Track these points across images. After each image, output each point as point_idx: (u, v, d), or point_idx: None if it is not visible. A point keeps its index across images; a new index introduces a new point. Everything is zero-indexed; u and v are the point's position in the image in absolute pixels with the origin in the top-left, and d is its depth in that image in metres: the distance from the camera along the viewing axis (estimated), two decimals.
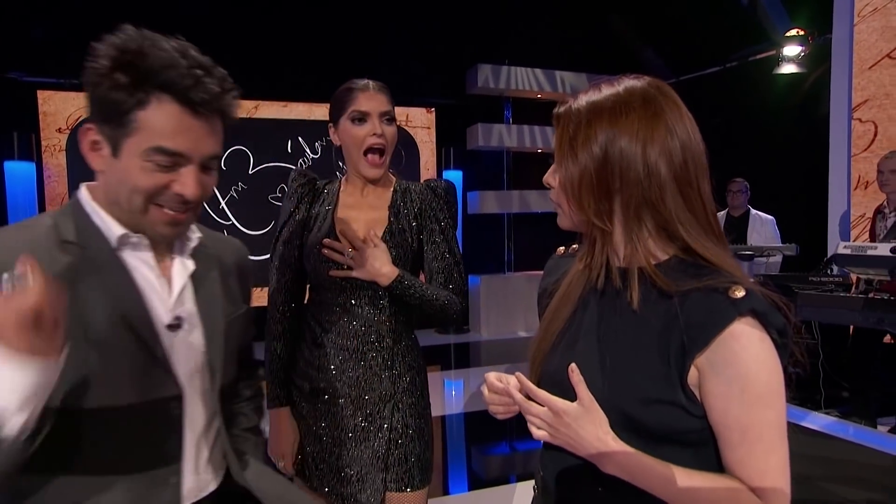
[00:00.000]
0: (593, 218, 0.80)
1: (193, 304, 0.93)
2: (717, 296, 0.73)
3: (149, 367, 0.85)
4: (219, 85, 0.84)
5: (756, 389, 0.71)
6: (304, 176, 1.48)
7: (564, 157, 0.81)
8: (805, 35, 5.04)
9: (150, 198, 0.83)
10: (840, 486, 2.49)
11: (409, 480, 1.37)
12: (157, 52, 0.81)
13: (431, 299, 1.38)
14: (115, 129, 0.81)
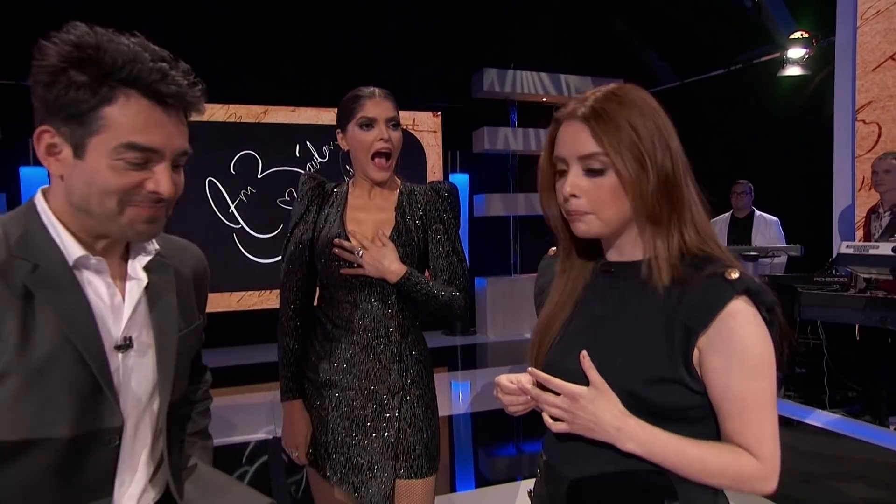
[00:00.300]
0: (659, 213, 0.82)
1: (147, 321, 0.88)
2: (714, 279, 0.80)
3: (92, 397, 0.79)
4: (184, 78, 0.81)
5: (752, 362, 0.78)
6: (313, 179, 1.54)
7: (622, 157, 0.81)
8: (809, 37, 5.06)
9: (123, 198, 0.78)
10: (845, 483, 2.51)
11: (418, 468, 1.42)
12: (116, 47, 0.77)
13: (437, 295, 1.43)
14: (78, 129, 0.76)
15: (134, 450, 0.87)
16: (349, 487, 1.42)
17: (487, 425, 4.15)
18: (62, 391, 0.77)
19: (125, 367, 0.84)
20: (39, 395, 0.75)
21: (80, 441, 0.79)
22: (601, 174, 0.83)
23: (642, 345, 0.83)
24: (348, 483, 1.41)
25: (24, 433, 0.75)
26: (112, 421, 0.82)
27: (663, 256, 0.83)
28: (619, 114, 0.82)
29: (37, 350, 0.75)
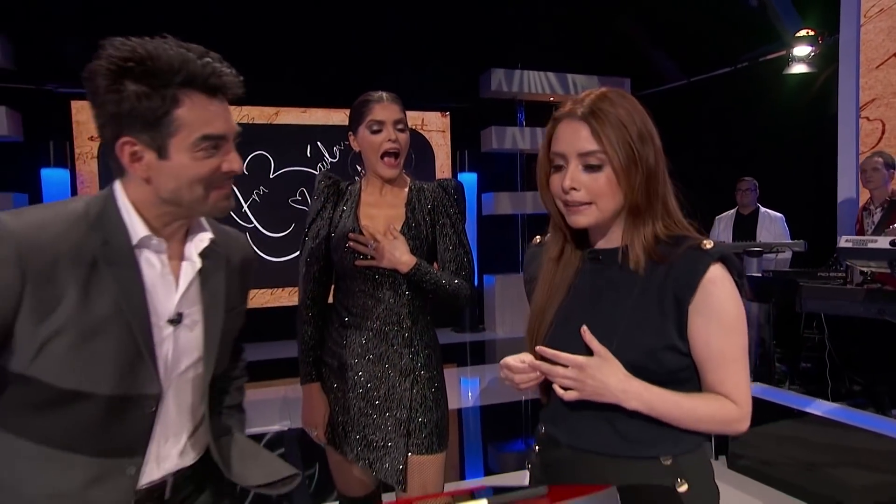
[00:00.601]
0: (640, 204, 0.92)
1: (198, 300, 0.97)
2: (692, 251, 0.91)
3: (135, 364, 0.88)
4: (225, 67, 0.90)
5: (728, 321, 0.90)
6: (329, 178, 1.65)
7: (617, 154, 0.90)
8: (815, 35, 5.08)
9: (208, 183, 0.89)
10: (848, 471, 2.56)
11: (428, 445, 1.52)
12: (166, 54, 0.84)
13: (444, 285, 1.53)
14: (157, 134, 0.85)
15: (176, 415, 0.97)
16: (365, 463, 1.52)
17: (495, 418, 4.25)
18: (108, 354, 0.86)
19: (174, 339, 0.94)
20: (88, 354, 0.85)
21: (120, 402, 0.88)
22: (598, 169, 0.92)
23: (636, 319, 0.92)
24: (364, 459, 1.52)
25: (72, 384, 0.85)
26: (151, 388, 0.91)
27: (639, 243, 0.93)
28: (614, 115, 0.91)
29: (92, 314, 0.85)
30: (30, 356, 0.83)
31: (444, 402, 1.60)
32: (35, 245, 0.81)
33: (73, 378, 0.85)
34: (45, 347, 0.83)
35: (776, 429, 2.91)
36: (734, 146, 6.13)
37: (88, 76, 0.86)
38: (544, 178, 1.00)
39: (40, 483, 0.87)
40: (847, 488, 2.57)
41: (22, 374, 0.84)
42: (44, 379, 0.84)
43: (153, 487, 0.95)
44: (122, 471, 0.90)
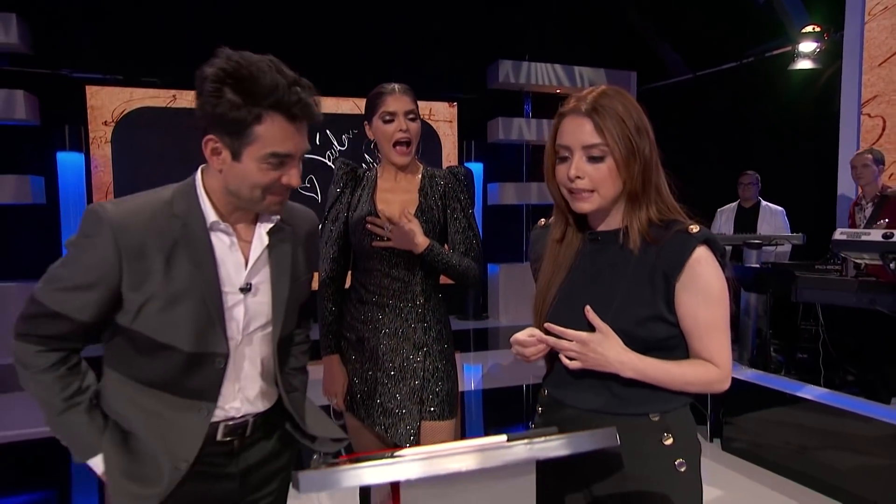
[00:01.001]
0: (637, 191, 1.03)
1: (266, 271, 1.13)
2: (680, 234, 1.03)
3: (207, 327, 1.06)
4: (309, 97, 1.02)
5: (713, 296, 1.01)
6: (347, 164, 1.76)
7: (618, 146, 1.00)
8: (821, 31, 5.13)
9: (265, 190, 1.04)
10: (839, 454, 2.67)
11: (440, 412, 1.64)
12: (264, 76, 0.98)
13: (455, 265, 1.64)
14: (236, 141, 1.00)
15: (249, 367, 1.14)
16: (381, 428, 1.64)
17: (497, 402, 4.38)
18: (187, 318, 1.05)
19: (245, 305, 1.11)
20: (172, 317, 1.04)
21: (195, 357, 1.07)
22: (601, 160, 1.03)
23: (630, 293, 1.04)
24: (381, 425, 1.64)
25: (161, 339, 1.05)
26: (220, 348, 1.09)
27: (635, 226, 1.05)
28: (614, 111, 1.02)
29: (174, 285, 1.03)
30: (132, 315, 1.04)
31: (454, 373, 1.72)
32: (126, 229, 1.01)
33: (162, 334, 1.05)
34: (142, 309, 1.03)
35: (769, 413, 3.03)
36: (738, 140, 6.19)
37: (200, 76, 1.00)
38: (550, 167, 1.10)
39: (138, 409, 1.09)
40: (838, 470, 2.68)
41: (127, 328, 1.05)
42: (144, 332, 1.05)
43: (236, 425, 1.14)
44: (197, 409, 1.10)
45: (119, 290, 1.03)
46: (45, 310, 1.03)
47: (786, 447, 2.92)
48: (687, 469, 1.05)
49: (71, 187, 5.81)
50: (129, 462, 1.08)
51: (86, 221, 1.03)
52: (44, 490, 2.99)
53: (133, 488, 1.06)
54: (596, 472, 1.07)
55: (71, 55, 5.77)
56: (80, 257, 1.03)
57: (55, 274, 1.05)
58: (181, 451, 1.07)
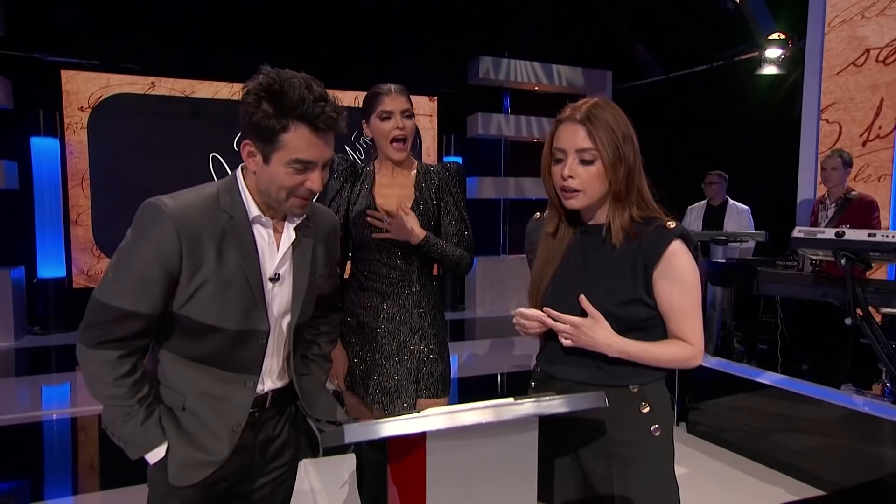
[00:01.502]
0: (621, 192, 1.17)
1: (290, 264, 1.25)
2: (659, 229, 1.18)
3: (251, 308, 1.18)
4: (334, 111, 1.13)
5: (687, 283, 1.17)
6: (346, 160, 1.86)
7: (606, 152, 1.15)
8: (785, 39, 5.39)
9: (290, 192, 1.16)
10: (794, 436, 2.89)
11: (434, 390, 1.77)
12: (292, 91, 1.09)
13: (449, 255, 1.77)
14: (266, 146, 1.12)
15: (274, 348, 1.26)
16: (380, 406, 1.75)
17: (473, 390, 4.53)
18: (235, 300, 1.16)
19: (273, 293, 1.23)
20: (222, 299, 1.15)
21: (241, 335, 1.19)
22: (591, 164, 1.18)
23: (614, 279, 1.19)
24: (379, 402, 1.75)
25: (210, 321, 1.16)
26: (261, 325, 1.21)
27: (618, 223, 1.19)
28: (605, 120, 1.17)
29: (224, 271, 1.15)
30: (184, 300, 1.14)
31: (447, 355, 1.85)
32: (185, 220, 1.12)
33: (211, 316, 1.16)
34: (195, 294, 1.14)
35: (731, 399, 3.25)
36: (707, 141, 6.46)
37: (244, 89, 1.14)
38: (547, 167, 1.24)
39: (191, 384, 1.20)
40: (793, 450, 2.91)
41: (179, 312, 1.15)
42: (192, 316, 1.15)
43: (259, 397, 1.26)
44: (243, 383, 1.22)
45: (177, 279, 1.12)
46: (119, 312, 1.11)
47: (746, 429, 3.14)
48: (661, 433, 1.20)
49: (45, 173, 5.70)
50: (189, 437, 1.18)
51: (145, 215, 1.12)
52: (15, 479, 3.00)
53: (198, 456, 1.17)
54: (582, 435, 1.22)
55: (46, 38, 5.66)
56: (142, 251, 1.10)
57: (120, 274, 1.12)
58: (233, 417, 1.20)
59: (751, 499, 2.71)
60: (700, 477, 2.91)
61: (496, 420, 0.85)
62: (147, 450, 1.17)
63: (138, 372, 1.17)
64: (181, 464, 1.17)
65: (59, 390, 4.48)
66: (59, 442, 3.54)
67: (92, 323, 1.13)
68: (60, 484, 2.98)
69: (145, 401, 1.17)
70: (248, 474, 1.28)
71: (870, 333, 2.67)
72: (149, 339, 1.19)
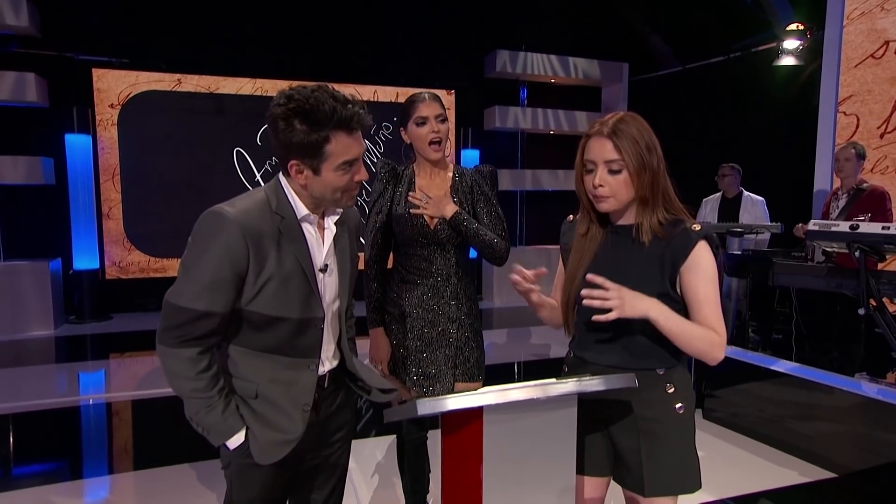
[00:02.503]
0: (647, 195, 1.30)
1: (335, 255, 1.38)
2: (686, 231, 1.31)
3: (309, 297, 1.30)
4: (361, 108, 1.24)
5: (709, 276, 1.30)
6: (388, 164, 2.02)
7: (632, 161, 1.28)
8: (804, 30, 5.38)
9: (344, 190, 1.29)
10: (808, 423, 2.99)
11: (471, 374, 1.93)
12: (322, 105, 1.18)
13: (483, 234, 1.90)
14: (314, 160, 1.23)
15: (329, 331, 1.40)
16: (420, 389, 1.91)
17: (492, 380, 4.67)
18: (295, 292, 1.29)
19: (324, 283, 1.36)
20: (284, 293, 1.27)
21: (302, 322, 1.31)
22: (619, 173, 1.32)
23: (643, 274, 1.32)
24: (420, 386, 1.91)
25: (277, 312, 1.28)
26: (318, 313, 1.34)
27: (646, 224, 1.33)
28: (630, 133, 1.30)
29: (284, 267, 1.27)
30: (251, 296, 1.25)
31: (482, 342, 2.00)
32: (248, 225, 1.22)
33: (276, 308, 1.27)
34: (262, 290, 1.25)
35: (746, 386, 3.36)
36: (723, 132, 6.48)
37: (269, 117, 1.21)
38: (579, 176, 1.39)
39: (261, 373, 1.31)
40: (807, 436, 3.01)
41: (247, 308, 1.26)
42: (258, 310, 1.26)
43: (319, 379, 1.38)
44: (307, 366, 1.35)
45: (244, 277, 1.23)
46: (195, 313, 1.21)
47: (760, 416, 3.26)
48: (685, 411, 1.35)
49: (79, 168, 5.91)
50: (266, 420, 1.30)
51: (209, 223, 1.22)
52: (56, 460, 3.17)
53: (277, 436, 1.29)
54: (613, 413, 1.36)
55: (79, 38, 5.85)
56: (211, 255, 1.20)
57: (193, 279, 1.21)
58: (302, 398, 1.33)
59: (766, 480, 2.83)
60: (716, 460, 3.04)
61: (543, 396, 0.99)
62: (228, 436, 1.28)
63: (215, 366, 1.27)
64: (265, 445, 1.29)
65: (95, 377, 4.71)
66: (95, 425, 3.75)
67: (171, 325, 1.23)
68: (97, 464, 3.17)
69: (223, 392, 1.28)
70: (314, 448, 1.41)
71: (883, 323, 2.76)
72: (221, 335, 1.28)
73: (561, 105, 7.46)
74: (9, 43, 5.54)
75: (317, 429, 1.40)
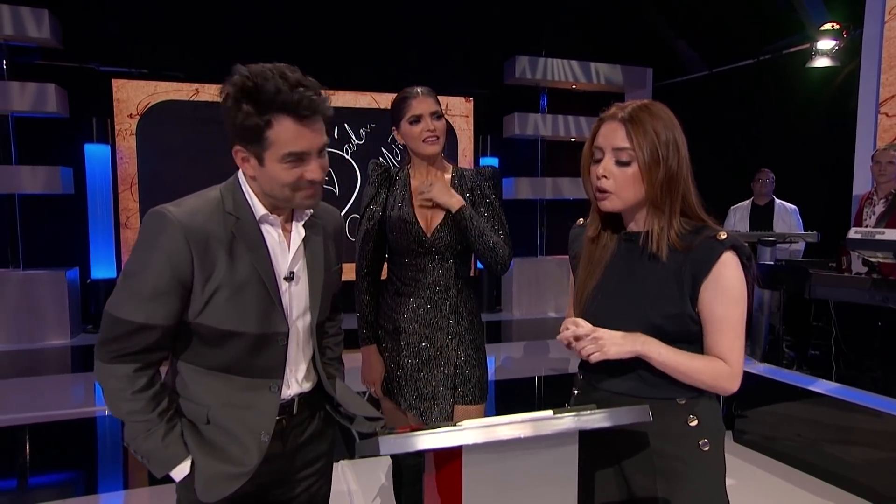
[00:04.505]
0: (658, 199, 1.11)
1: (304, 261, 1.21)
2: (709, 240, 1.11)
3: (269, 309, 1.14)
4: (314, 94, 1.07)
5: (732, 295, 1.10)
6: (380, 166, 1.86)
7: (643, 154, 1.08)
8: (840, 29, 5.12)
9: (293, 187, 1.11)
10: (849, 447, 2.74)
11: (472, 396, 1.75)
12: (266, 84, 1.03)
13: (486, 235, 1.71)
14: (256, 147, 1.08)
15: (296, 351, 1.23)
16: (417, 412, 1.75)
17: (510, 393, 4.49)
18: (251, 303, 1.13)
19: (290, 292, 1.20)
20: (238, 304, 1.12)
21: (262, 338, 1.15)
22: (627, 165, 1.12)
23: (661, 291, 1.13)
24: (416, 409, 1.75)
25: (231, 326, 1.12)
26: (281, 327, 1.17)
27: (657, 232, 1.13)
28: (648, 122, 1.11)
29: (237, 275, 1.11)
30: (199, 308, 1.11)
31: (484, 360, 1.82)
32: (193, 227, 1.08)
33: (228, 322, 1.12)
34: (210, 301, 1.10)
35: (781, 407, 3.11)
36: (753, 138, 6.22)
37: (223, 95, 1.08)
38: (586, 167, 1.19)
39: (214, 395, 1.16)
40: (848, 463, 2.75)
41: (195, 321, 1.11)
42: (209, 324, 1.12)
43: (284, 404, 1.22)
44: (267, 388, 1.18)
45: (191, 286, 1.09)
46: (133, 325, 1.08)
47: (797, 440, 3.00)
48: (710, 448, 1.14)
49: (98, 178, 5.96)
50: (215, 450, 1.14)
51: (151, 224, 1.08)
52: (70, 472, 3.12)
53: (225, 469, 1.13)
54: (626, 448, 1.17)
55: (98, 49, 5.91)
56: (151, 261, 1.07)
57: (131, 287, 1.09)
58: (260, 426, 1.16)
59: None
60: (747, 487, 2.80)
61: (534, 434, 0.82)
62: (171, 466, 1.13)
63: (156, 385, 1.13)
64: (209, 479, 1.14)
65: None
66: (111, 437, 3.68)
67: (106, 338, 1.10)
68: (112, 478, 3.09)
69: (165, 415, 1.13)
70: (278, 484, 1.25)
71: None
72: (166, 351, 1.15)
73: (582, 112, 7.27)
74: (31, 55, 5.63)
75: (283, 460, 1.24)
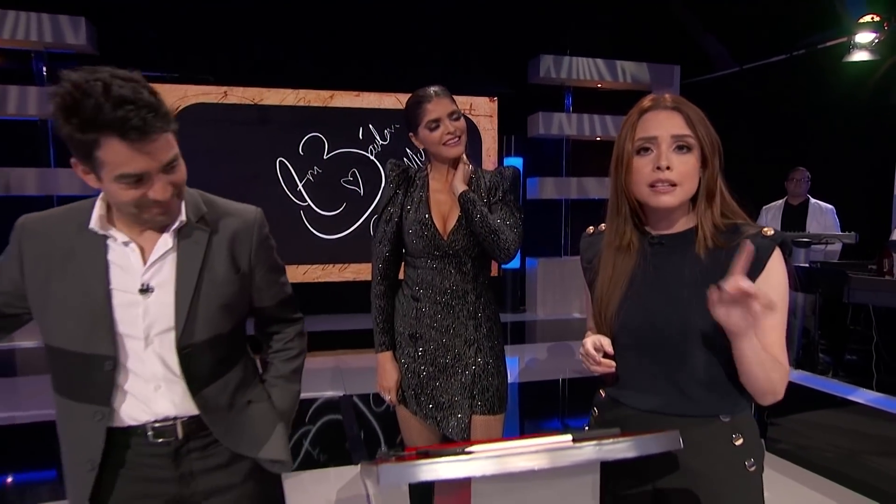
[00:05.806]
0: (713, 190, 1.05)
1: (171, 273, 1.08)
2: (756, 237, 1.03)
3: (95, 328, 1.04)
4: (144, 113, 0.93)
5: (780, 296, 1.02)
6: (398, 166, 1.81)
7: (706, 140, 1.03)
8: (880, 21, 4.92)
9: (137, 205, 1.01)
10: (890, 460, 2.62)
11: (491, 406, 1.70)
12: (87, 101, 0.91)
13: (490, 220, 1.64)
14: (89, 164, 0.97)
15: (161, 369, 1.09)
16: (433, 422, 1.71)
17: (533, 395, 4.43)
18: (75, 318, 1.05)
19: (146, 307, 1.07)
20: (61, 317, 1.06)
21: (86, 358, 1.06)
22: (689, 151, 1.03)
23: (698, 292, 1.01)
24: (433, 418, 1.71)
25: (55, 342, 1.08)
26: (107, 350, 1.06)
27: (707, 227, 1.06)
28: (696, 110, 1.06)
29: (65, 286, 1.06)
30: (37, 316, 1.09)
31: (504, 369, 1.77)
32: (33, 233, 1.08)
33: (55, 337, 1.08)
34: (43, 313, 1.08)
35: (817, 415, 2.98)
36: (786, 136, 6.02)
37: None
38: (624, 165, 1.07)
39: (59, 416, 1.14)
40: (890, 476, 2.63)
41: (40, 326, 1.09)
42: (45, 339, 1.10)
43: (164, 428, 1.11)
44: (90, 414, 1.08)
45: (23, 290, 1.08)
46: None
47: (834, 451, 2.88)
48: (756, 469, 1.06)
49: None
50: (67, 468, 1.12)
51: None
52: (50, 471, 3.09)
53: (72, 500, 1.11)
54: (663, 467, 1.09)
55: (132, 54, 6.04)
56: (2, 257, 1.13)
57: None
58: (88, 453, 1.08)
59: None
60: (782, 500, 2.69)
61: (553, 465, 0.76)
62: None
63: None
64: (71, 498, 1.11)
65: None
66: None
67: None
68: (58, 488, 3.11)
69: None
70: None
71: None
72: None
73: (608, 111, 7.14)
74: (69, 61, 5.78)
75: (172, 485, 1.12)
